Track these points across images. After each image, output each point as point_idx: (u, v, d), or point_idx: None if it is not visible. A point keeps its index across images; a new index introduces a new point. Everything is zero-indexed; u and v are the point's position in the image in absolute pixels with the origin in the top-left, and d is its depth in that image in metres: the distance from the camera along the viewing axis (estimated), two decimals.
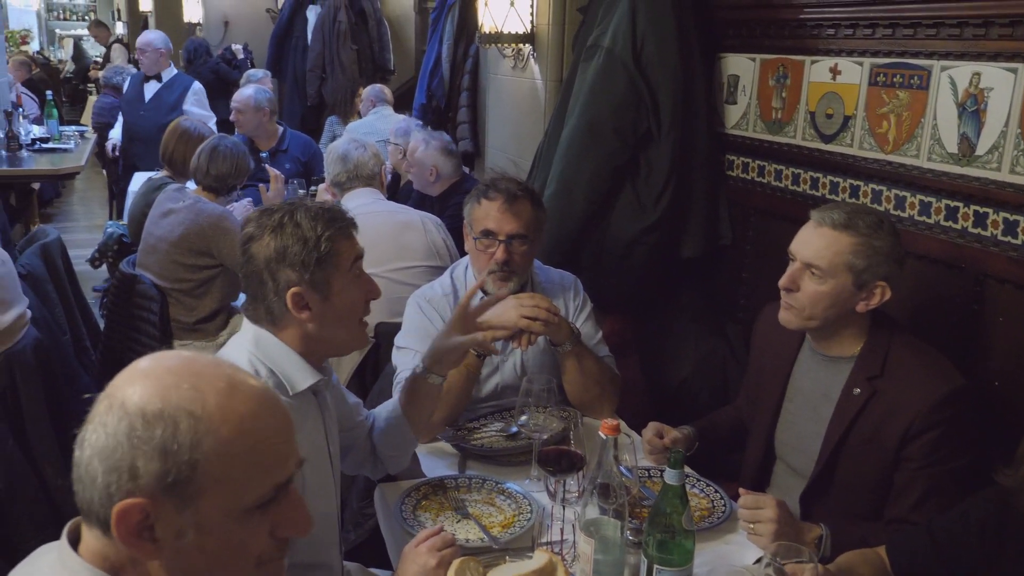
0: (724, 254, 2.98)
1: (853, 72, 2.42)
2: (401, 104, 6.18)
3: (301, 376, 1.65)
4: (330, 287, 1.67)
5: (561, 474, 1.88)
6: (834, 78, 2.49)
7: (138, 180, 5.41)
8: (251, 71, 6.51)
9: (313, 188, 4.32)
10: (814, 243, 1.88)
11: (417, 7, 7.71)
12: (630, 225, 2.87)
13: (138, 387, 0.97)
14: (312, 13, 7.25)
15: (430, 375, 1.93)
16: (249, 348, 1.66)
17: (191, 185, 3.67)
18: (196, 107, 5.80)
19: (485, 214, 2.29)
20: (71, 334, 3.54)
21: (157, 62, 5.94)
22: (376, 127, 5.43)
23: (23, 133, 5.77)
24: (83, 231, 7.82)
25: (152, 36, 6.03)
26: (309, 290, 1.64)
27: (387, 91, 5.90)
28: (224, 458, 0.96)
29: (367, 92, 5.93)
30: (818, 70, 2.54)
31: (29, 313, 2.70)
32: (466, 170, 4.38)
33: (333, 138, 6.41)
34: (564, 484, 1.89)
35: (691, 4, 2.85)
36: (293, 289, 1.63)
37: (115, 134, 6.49)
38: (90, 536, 1.00)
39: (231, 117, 5.01)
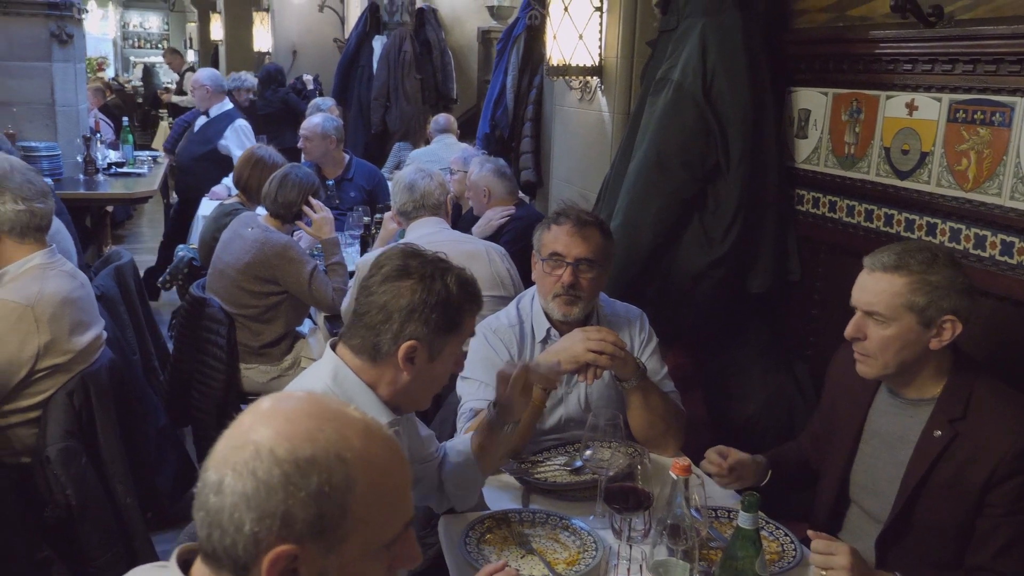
0: (792, 290, 2.93)
1: (931, 108, 2.37)
2: (463, 132, 6.25)
3: (377, 414, 1.66)
4: (441, 352, 1.70)
5: (628, 512, 1.86)
6: (911, 113, 2.44)
7: (207, 205, 5.57)
8: (317, 100, 6.65)
9: (378, 216, 4.38)
10: (870, 289, 1.86)
11: (480, 37, 7.83)
12: (697, 259, 2.84)
13: (277, 432, 0.96)
14: (378, 43, 7.40)
15: (504, 424, 1.95)
16: (327, 382, 1.67)
17: (261, 211, 3.75)
18: (231, 142, 5.94)
19: (554, 238, 2.31)
20: (140, 355, 3.63)
21: (205, 99, 6.11)
22: (439, 155, 5.51)
23: (100, 158, 5.97)
24: (151, 252, 8.03)
25: (200, 74, 6.22)
26: (424, 348, 1.67)
27: (451, 120, 5.98)
28: (371, 500, 0.97)
29: (434, 121, 6.03)
30: (894, 105, 2.50)
31: (105, 334, 2.77)
32: (525, 198, 4.42)
33: (398, 164, 6.51)
34: (630, 522, 1.87)
35: (762, 38, 2.83)
36: (411, 342, 1.65)
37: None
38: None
39: (299, 144, 5.12)
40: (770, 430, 2.77)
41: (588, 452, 2.10)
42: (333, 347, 1.74)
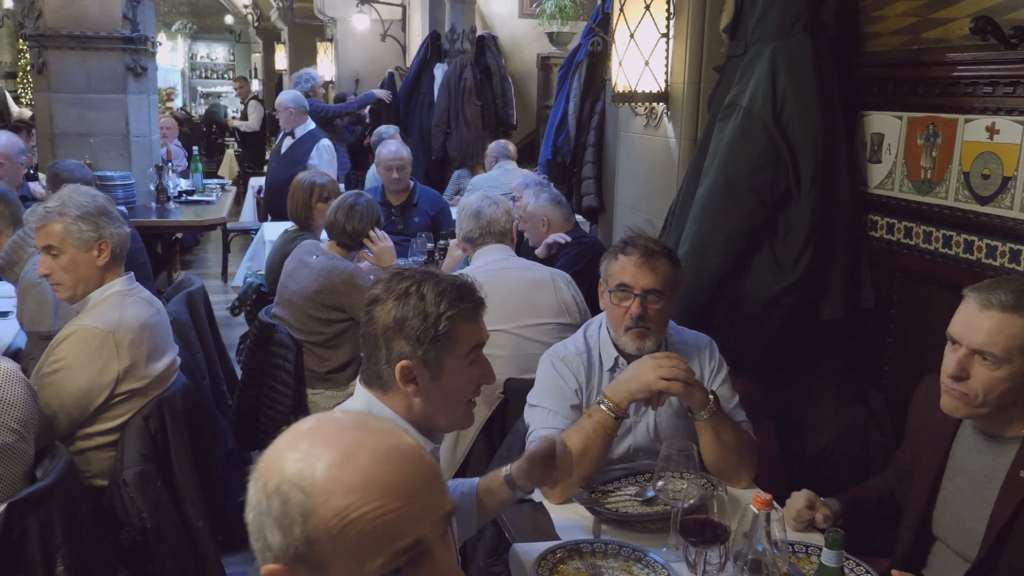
0: (866, 317, 2.86)
1: (1013, 132, 2.30)
2: (522, 158, 6.29)
3: None
4: (441, 368, 1.65)
5: (704, 545, 1.82)
6: (991, 137, 2.37)
7: (269, 230, 5.69)
8: (381, 128, 6.75)
9: (442, 242, 4.41)
10: (983, 327, 1.76)
11: (540, 63, 7.89)
12: (767, 286, 2.79)
13: (270, 455, 1.02)
14: (439, 70, 7.50)
15: (516, 491, 1.95)
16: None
17: (324, 236, 3.81)
18: (317, 162, 6.06)
19: (621, 268, 2.29)
20: (209, 379, 3.70)
21: (290, 120, 6.25)
22: (500, 181, 5.54)
23: (171, 186, 6.15)
24: (216, 278, 8.21)
25: (284, 97, 6.36)
26: (419, 366, 1.63)
27: (511, 146, 6.02)
28: (335, 531, 0.96)
29: (492, 147, 6.07)
30: (973, 129, 2.43)
31: (179, 360, 2.84)
32: (579, 220, 4.41)
33: (458, 191, 6.56)
34: (706, 556, 1.83)
35: (832, 62, 2.79)
36: (403, 362, 1.63)
37: (257, 181, 6.90)
38: None
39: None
40: (845, 461, 2.70)
41: (660, 483, 2.06)
42: (360, 381, 1.73)
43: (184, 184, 6.63)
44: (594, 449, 2.15)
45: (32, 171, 7.17)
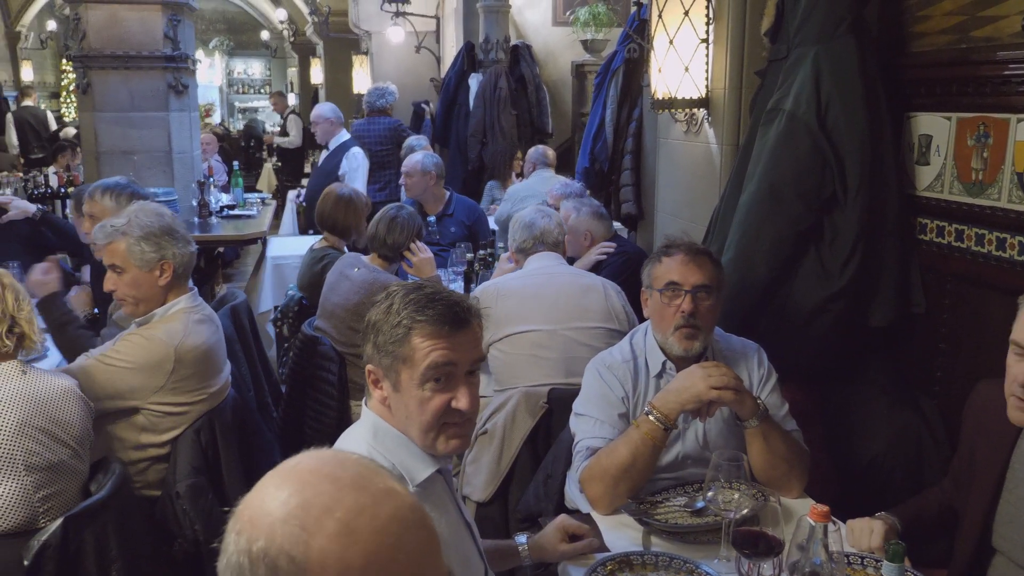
0: (917, 323, 2.81)
1: None
2: (558, 165, 6.26)
3: (421, 466, 1.62)
4: (399, 380, 1.59)
5: (757, 558, 1.79)
6: None
7: (283, 244, 5.77)
8: (411, 139, 6.78)
9: (481, 252, 4.42)
10: None
11: (574, 71, 7.88)
12: (814, 292, 2.75)
13: (258, 506, 0.91)
14: (474, 81, 7.52)
15: (527, 561, 1.98)
16: (368, 440, 1.64)
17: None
18: (347, 167, 6.15)
19: (668, 268, 2.29)
20: (254, 391, 3.73)
21: (328, 132, 6.32)
22: (537, 189, 5.52)
23: (213, 201, 6.24)
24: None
25: (322, 109, 6.43)
26: (381, 372, 1.62)
27: (550, 153, 6.01)
28: None
29: (530, 154, 6.05)
30: None
31: (230, 376, 2.87)
32: (618, 227, 4.39)
33: (492, 201, 6.58)
34: (759, 568, 1.80)
35: (878, 64, 2.75)
36: (368, 366, 1.64)
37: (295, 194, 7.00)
38: None
39: (400, 181, 5.25)
40: (898, 470, 2.65)
41: (710, 493, 2.04)
42: (366, 403, 1.70)
43: (225, 199, 6.72)
44: (642, 461, 2.14)
45: (64, 189, 7.34)
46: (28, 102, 12.45)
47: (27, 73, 15.74)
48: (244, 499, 0.94)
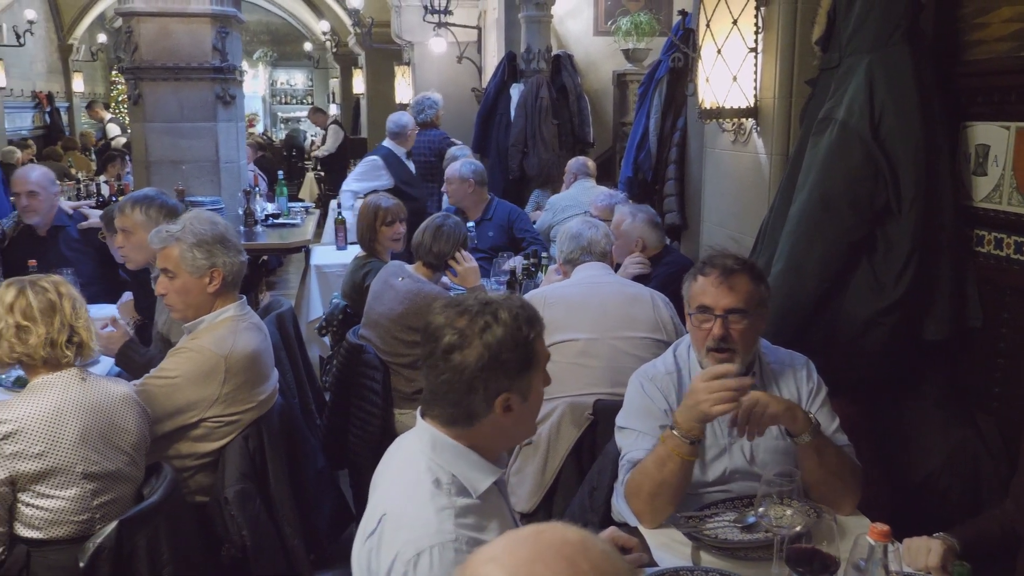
0: (973, 337, 2.74)
1: None
2: (599, 175, 6.23)
3: (482, 476, 1.65)
4: (530, 388, 1.68)
5: None
6: None
7: (327, 253, 5.79)
8: (454, 148, 6.81)
9: (524, 261, 4.42)
10: None
11: (616, 80, 7.86)
12: (866, 305, 2.70)
13: None
14: (515, 91, 7.53)
15: None
16: (427, 454, 1.65)
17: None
18: (352, 176, 6.23)
19: (701, 290, 2.24)
20: (299, 398, 3.76)
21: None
22: (579, 199, 5.51)
23: (258, 210, 6.31)
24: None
25: (399, 117, 6.50)
26: (515, 394, 1.65)
27: (590, 163, 5.98)
28: None
29: (571, 164, 6.04)
30: None
31: (277, 383, 2.90)
32: (668, 241, 4.35)
33: (537, 208, 6.57)
34: None
35: (933, 72, 2.70)
36: (503, 396, 1.63)
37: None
38: None
39: (443, 188, 5.28)
40: (954, 488, 2.58)
41: (761, 509, 2.01)
42: (423, 415, 1.72)
43: (270, 208, 6.80)
44: (672, 476, 2.09)
45: (115, 198, 7.48)
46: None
47: (78, 84, 16.11)
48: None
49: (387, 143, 6.52)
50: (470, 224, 5.03)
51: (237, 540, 2.57)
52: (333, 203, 7.42)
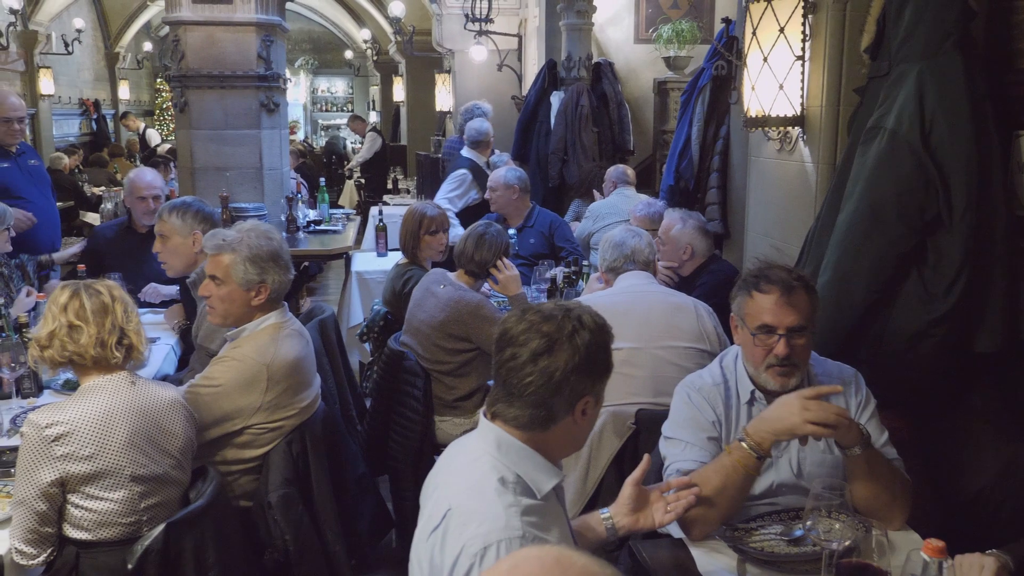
0: None
1: None
2: (638, 183, 6.22)
3: (546, 477, 1.68)
4: (602, 393, 1.74)
5: None
6: None
7: (367, 259, 5.83)
8: (495, 156, 6.83)
9: (565, 269, 4.42)
10: None
11: (656, 88, 7.83)
12: (916, 316, 2.66)
13: None
14: (555, 98, 7.53)
15: (612, 531, 2.01)
16: (493, 454, 1.67)
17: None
18: (444, 194, 6.16)
19: (761, 307, 2.21)
20: (340, 404, 3.79)
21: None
22: (618, 207, 5.50)
23: (300, 217, 6.38)
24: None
25: (480, 125, 6.53)
26: (593, 398, 1.70)
27: (629, 171, 5.97)
28: None
29: (610, 172, 6.03)
30: None
31: (320, 390, 2.92)
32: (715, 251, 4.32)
33: (576, 218, 6.56)
34: None
35: (985, 81, 2.65)
36: (585, 398, 1.67)
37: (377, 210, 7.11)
38: None
39: (486, 195, 5.29)
40: (1006, 505, 2.52)
41: (809, 522, 1.98)
42: (487, 416, 1.74)
43: (312, 214, 6.87)
44: (733, 488, 2.09)
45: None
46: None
47: (123, 92, 16.44)
48: None
49: (468, 153, 6.45)
50: (511, 231, 5.04)
51: (280, 545, 2.59)
52: (373, 210, 7.48)
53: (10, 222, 3.93)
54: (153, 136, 13.80)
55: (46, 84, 11.83)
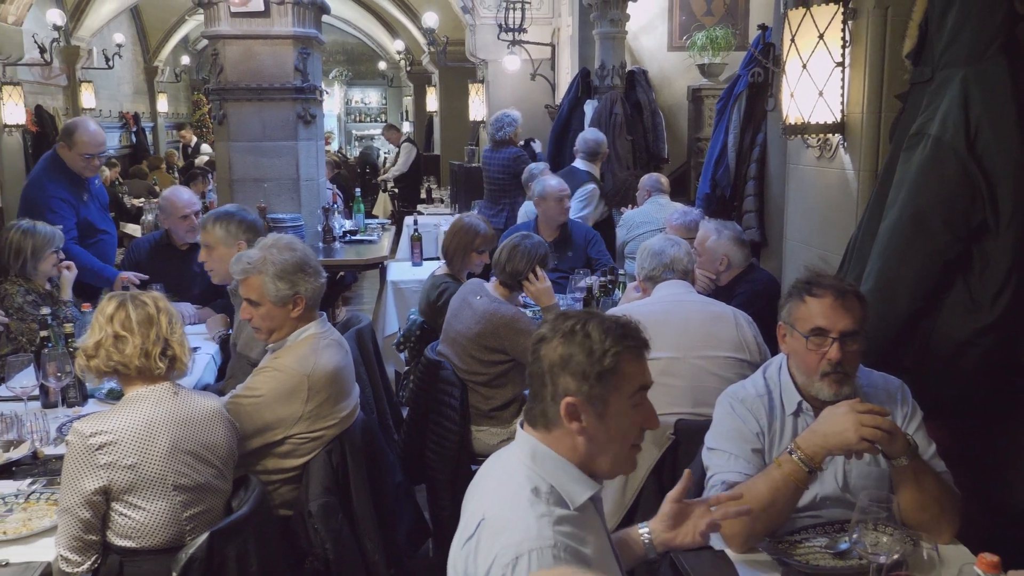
0: None
1: None
2: (672, 191, 6.18)
3: (580, 488, 1.66)
4: (607, 406, 1.65)
5: None
6: None
7: (402, 269, 5.84)
8: (532, 164, 6.84)
9: (601, 278, 4.40)
10: None
11: (690, 95, 7.79)
12: (962, 325, 2.61)
13: None
14: (589, 107, 7.53)
15: (651, 548, 1.97)
16: (527, 463, 1.67)
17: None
18: (578, 211, 6.00)
19: (813, 312, 2.19)
20: (376, 413, 3.80)
21: None
22: (653, 216, 5.47)
23: (336, 227, 6.43)
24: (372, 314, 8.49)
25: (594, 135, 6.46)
26: (584, 403, 1.64)
27: (663, 180, 5.93)
28: None
29: (644, 181, 6.00)
30: None
31: (358, 397, 2.94)
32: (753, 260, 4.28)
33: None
34: None
35: None
36: (568, 399, 1.64)
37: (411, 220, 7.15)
38: None
39: (533, 203, 5.29)
40: None
41: (855, 535, 1.95)
42: (522, 426, 1.75)
43: (348, 224, 6.92)
44: (782, 501, 2.06)
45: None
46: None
47: (162, 105, 16.72)
48: None
49: (584, 166, 6.30)
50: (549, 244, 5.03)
51: (320, 553, 2.61)
52: (408, 220, 7.52)
53: (59, 244, 3.99)
54: (206, 150, 13.99)
55: (87, 98, 12.06)
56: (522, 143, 7.54)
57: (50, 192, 4.65)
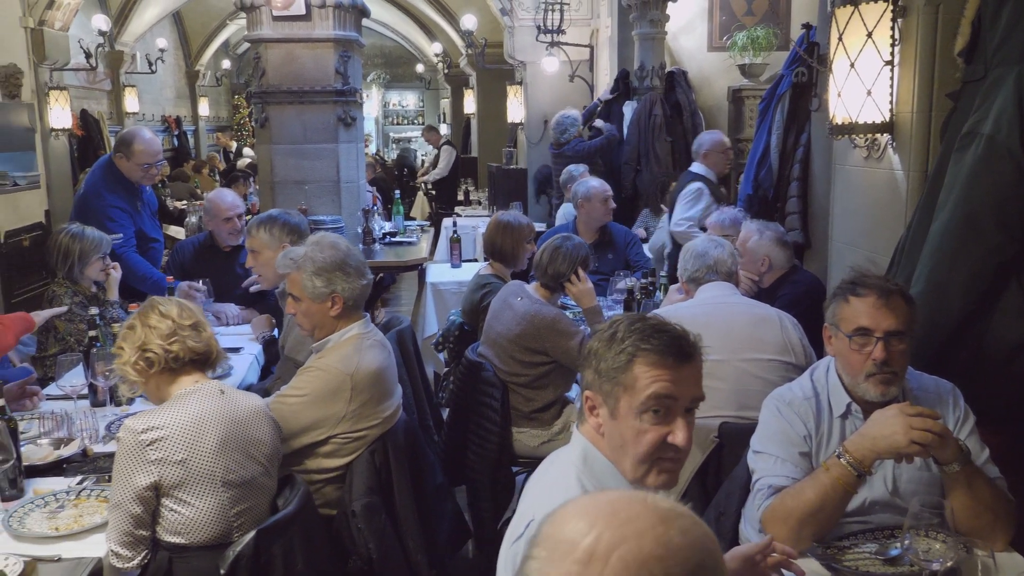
0: None
1: None
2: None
3: None
4: (617, 406, 1.62)
5: None
6: None
7: (441, 270, 5.86)
8: (571, 167, 6.83)
9: (642, 280, 4.37)
10: None
11: (731, 96, 7.72)
12: (1017, 327, 2.55)
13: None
14: (628, 108, 7.50)
15: None
16: (577, 465, 1.66)
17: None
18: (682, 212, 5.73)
19: (857, 311, 2.16)
20: (417, 414, 3.82)
21: None
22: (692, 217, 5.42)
23: (376, 229, 6.48)
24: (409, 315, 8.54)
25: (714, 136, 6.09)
26: (599, 398, 1.65)
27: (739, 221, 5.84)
28: None
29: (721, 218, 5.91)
30: None
31: (400, 398, 2.95)
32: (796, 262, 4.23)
33: (645, 228, 6.51)
34: None
35: None
36: (586, 392, 1.67)
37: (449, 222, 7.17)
38: None
39: (575, 204, 5.29)
40: None
41: (907, 541, 1.91)
42: (578, 426, 1.74)
43: (387, 226, 6.97)
44: (831, 505, 2.03)
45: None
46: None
47: (203, 109, 16.96)
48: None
49: (700, 169, 5.73)
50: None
51: (363, 553, 2.62)
52: (447, 221, 7.55)
53: (106, 250, 4.07)
54: (248, 153, 14.17)
55: (131, 102, 12.27)
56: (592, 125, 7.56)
57: (109, 201, 4.72)
